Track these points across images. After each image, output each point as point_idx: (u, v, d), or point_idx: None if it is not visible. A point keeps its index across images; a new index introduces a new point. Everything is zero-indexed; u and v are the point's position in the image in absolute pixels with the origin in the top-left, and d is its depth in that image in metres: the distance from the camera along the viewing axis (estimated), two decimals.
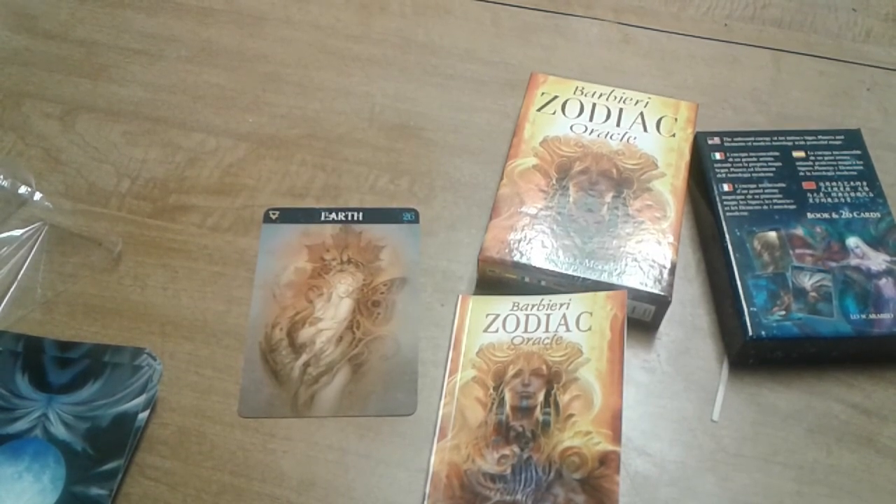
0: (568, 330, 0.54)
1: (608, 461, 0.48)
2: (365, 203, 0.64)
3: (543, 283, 0.57)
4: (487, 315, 0.57)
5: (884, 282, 0.55)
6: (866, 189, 0.60)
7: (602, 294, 0.55)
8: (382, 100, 0.71)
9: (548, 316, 0.55)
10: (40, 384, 0.53)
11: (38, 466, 0.49)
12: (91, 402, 0.52)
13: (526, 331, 0.55)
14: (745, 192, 0.60)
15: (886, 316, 0.54)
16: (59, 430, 0.51)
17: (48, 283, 0.60)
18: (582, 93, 0.66)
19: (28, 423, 0.51)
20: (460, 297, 0.59)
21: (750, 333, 0.53)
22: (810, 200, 0.59)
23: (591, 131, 0.63)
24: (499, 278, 0.58)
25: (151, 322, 0.58)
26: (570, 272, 0.56)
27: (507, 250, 0.57)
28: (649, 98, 0.65)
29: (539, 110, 0.65)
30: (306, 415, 0.54)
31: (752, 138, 0.63)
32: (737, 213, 0.59)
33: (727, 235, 0.58)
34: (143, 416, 0.52)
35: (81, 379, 0.53)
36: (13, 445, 0.50)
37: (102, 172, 0.66)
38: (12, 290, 0.59)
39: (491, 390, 0.53)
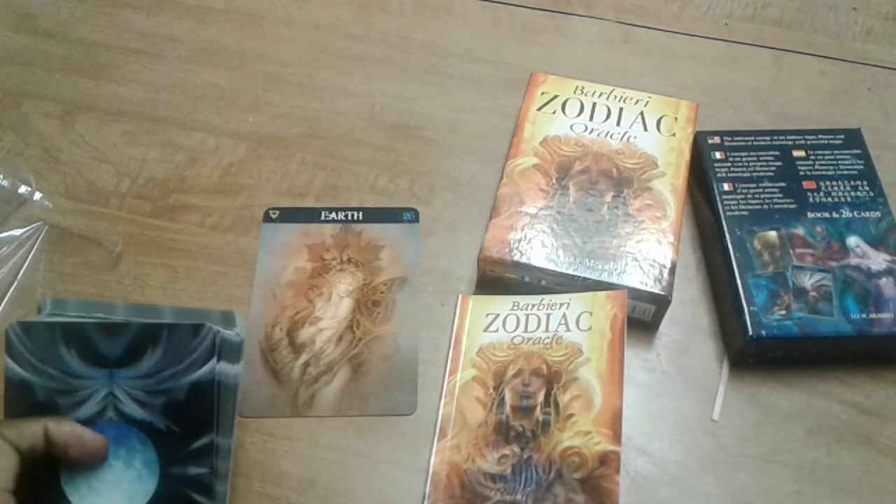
0: (568, 330, 0.54)
1: (608, 461, 0.48)
2: (365, 203, 0.64)
3: (543, 282, 0.57)
4: (487, 315, 0.57)
5: (884, 281, 0.55)
6: (866, 188, 0.60)
7: (602, 294, 0.55)
8: (382, 99, 0.71)
9: (548, 316, 0.55)
10: (93, 358, 0.45)
11: (125, 452, 0.44)
12: (157, 373, 0.45)
13: (526, 330, 0.55)
14: (745, 191, 0.60)
15: (887, 315, 0.54)
16: (133, 410, 0.44)
17: (48, 282, 0.60)
18: (582, 92, 0.66)
19: (96, 406, 0.45)
20: (460, 296, 0.59)
21: (750, 333, 0.53)
22: (810, 200, 0.59)
23: (592, 131, 0.63)
24: (499, 278, 0.58)
25: None
26: (570, 272, 0.56)
27: (507, 250, 0.57)
28: (649, 97, 0.65)
29: (539, 110, 0.65)
30: (306, 414, 0.54)
31: (753, 138, 0.63)
32: (737, 213, 0.59)
33: (727, 235, 0.58)
34: (234, 374, 0.45)
35: (137, 347, 0.45)
36: None
37: (102, 172, 0.66)
38: (12, 289, 0.59)
39: (491, 390, 0.53)
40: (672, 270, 0.56)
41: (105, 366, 0.45)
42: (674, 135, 0.63)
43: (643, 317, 0.57)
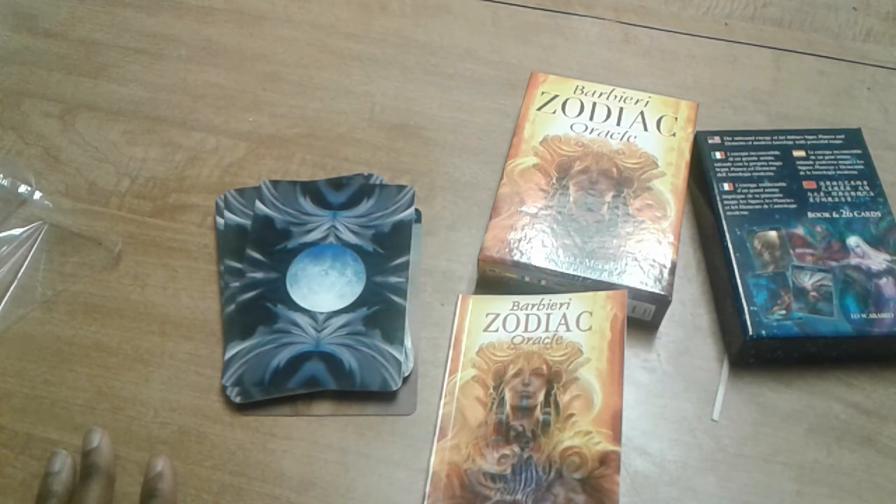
0: (568, 329, 0.54)
1: (608, 461, 0.48)
2: None
3: (543, 282, 0.57)
4: (487, 314, 0.57)
5: (884, 281, 0.55)
6: (867, 188, 0.60)
7: (602, 294, 0.55)
8: (382, 99, 0.71)
9: (548, 315, 0.55)
10: (322, 203, 0.62)
11: (340, 265, 0.59)
12: (369, 214, 0.61)
13: (526, 330, 0.55)
14: (745, 191, 0.60)
15: (887, 315, 0.54)
16: (349, 237, 0.60)
17: (48, 282, 0.60)
18: (582, 92, 0.66)
19: (321, 233, 0.60)
20: (460, 296, 0.59)
21: (750, 333, 0.53)
22: (811, 200, 0.59)
23: (592, 130, 0.63)
24: (499, 278, 0.58)
25: (151, 321, 0.58)
26: (570, 271, 0.56)
27: (507, 250, 0.57)
28: (649, 97, 0.65)
29: (539, 109, 0.65)
30: (306, 414, 0.54)
31: (753, 137, 0.63)
32: (737, 213, 0.59)
33: (727, 235, 0.58)
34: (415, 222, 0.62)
35: (356, 198, 0.62)
36: (314, 250, 0.59)
37: (102, 172, 0.66)
38: (12, 289, 0.59)
39: (491, 390, 0.53)
40: (672, 270, 0.56)
41: (331, 209, 0.62)
42: (674, 135, 0.63)
43: (643, 317, 0.57)
